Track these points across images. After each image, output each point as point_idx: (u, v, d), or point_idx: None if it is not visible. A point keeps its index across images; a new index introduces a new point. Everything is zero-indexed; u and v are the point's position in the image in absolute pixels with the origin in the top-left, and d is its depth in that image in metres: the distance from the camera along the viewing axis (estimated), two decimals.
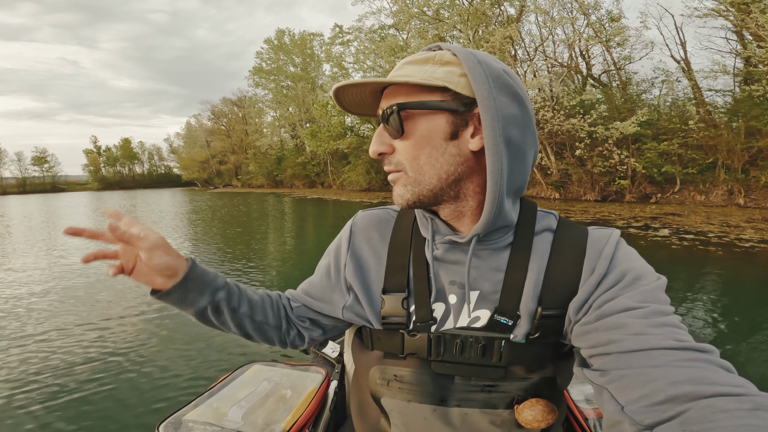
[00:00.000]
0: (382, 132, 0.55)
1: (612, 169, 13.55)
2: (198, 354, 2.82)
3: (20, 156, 63.88)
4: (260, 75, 38.44)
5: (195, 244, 7.64)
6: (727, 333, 3.02)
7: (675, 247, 6.06)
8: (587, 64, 16.81)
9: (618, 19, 14.87)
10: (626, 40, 14.92)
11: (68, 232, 0.50)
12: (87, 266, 5.55)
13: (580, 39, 15.15)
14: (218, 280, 0.62)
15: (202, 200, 22.82)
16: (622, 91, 15.35)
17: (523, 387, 0.57)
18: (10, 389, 2.37)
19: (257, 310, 0.67)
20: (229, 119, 49.39)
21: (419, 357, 0.59)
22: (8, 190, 58.07)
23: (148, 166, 72.15)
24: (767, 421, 0.33)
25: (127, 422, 2.06)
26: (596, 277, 0.53)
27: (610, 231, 0.59)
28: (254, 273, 5.13)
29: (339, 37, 28.92)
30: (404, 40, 22.39)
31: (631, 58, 15.53)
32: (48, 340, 3.12)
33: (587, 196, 14.30)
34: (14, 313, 3.77)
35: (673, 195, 13.14)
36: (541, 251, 0.58)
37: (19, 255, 6.79)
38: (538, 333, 0.55)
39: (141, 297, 4.18)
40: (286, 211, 14.40)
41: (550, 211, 0.64)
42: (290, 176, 34.27)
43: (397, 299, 0.61)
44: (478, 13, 17.09)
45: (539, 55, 16.63)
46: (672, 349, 0.42)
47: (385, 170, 0.57)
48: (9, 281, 4.91)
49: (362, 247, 0.68)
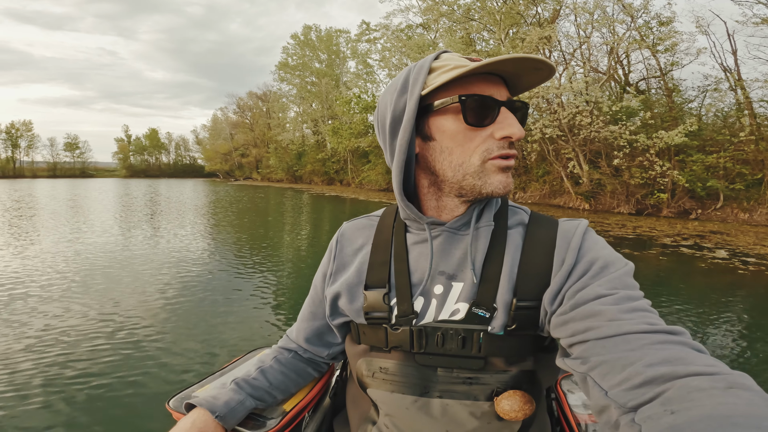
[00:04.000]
0: (515, 117, 0.57)
1: (651, 181, 12.64)
2: (212, 337, 2.99)
3: (53, 141, 66.43)
4: (285, 70, 38.49)
5: (215, 232, 7.38)
6: None
7: (741, 272, 5.37)
8: (624, 70, 15.88)
9: (669, 22, 13.93)
10: (676, 46, 13.97)
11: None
12: (109, 246, 5.40)
13: (620, 43, 14.26)
14: (246, 403, 0.68)
15: (223, 192, 22.88)
16: (667, 98, 14.36)
17: (503, 380, 0.58)
18: (23, 365, 2.48)
19: (291, 386, 0.76)
20: (254, 113, 49.89)
21: (403, 350, 0.61)
22: (38, 174, 60.48)
23: (174, 156, 73.84)
24: (742, 398, 0.34)
25: (142, 395, 2.22)
26: (566, 267, 0.55)
27: (578, 221, 0.61)
28: (268, 265, 4.74)
29: (366, 34, 28.61)
30: (432, 40, 21.83)
31: (679, 63, 14.55)
32: (66, 317, 3.31)
33: (620, 209, 13.39)
34: (32, 291, 3.95)
35: (715, 212, 12.14)
36: (515, 244, 0.61)
37: (42, 235, 6.84)
38: (514, 324, 0.57)
39: (158, 279, 4.32)
40: (303, 207, 14.12)
41: (521, 206, 0.67)
42: (309, 172, 34.16)
43: (378, 294, 0.64)
44: (512, 12, 16.39)
45: (577, 58, 15.82)
46: (646, 332, 0.44)
47: (500, 158, 0.57)
48: (26, 262, 4.73)
49: (347, 253, 0.72)
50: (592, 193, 14.26)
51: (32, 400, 2.13)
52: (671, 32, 13.74)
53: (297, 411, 0.75)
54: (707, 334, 3.22)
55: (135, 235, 7.42)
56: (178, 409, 0.71)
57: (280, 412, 0.74)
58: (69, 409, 2.07)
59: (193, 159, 73.33)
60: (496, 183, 0.58)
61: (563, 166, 14.85)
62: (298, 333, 0.78)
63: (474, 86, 0.56)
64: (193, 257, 5.55)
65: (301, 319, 0.78)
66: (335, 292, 0.69)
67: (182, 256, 5.61)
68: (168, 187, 29.33)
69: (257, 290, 4.15)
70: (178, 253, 5.76)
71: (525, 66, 0.55)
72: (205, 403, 0.65)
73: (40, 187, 25.68)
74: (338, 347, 0.78)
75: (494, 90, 0.57)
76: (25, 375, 2.37)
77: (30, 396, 2.17)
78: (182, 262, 5.21)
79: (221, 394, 0.67)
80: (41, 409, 2.07)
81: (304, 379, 0.78)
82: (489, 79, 0.57)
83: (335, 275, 0.70)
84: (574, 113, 13.30)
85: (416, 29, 23.38)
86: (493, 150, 0.57)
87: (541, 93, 14.37)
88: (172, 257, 5.50)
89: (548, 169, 16.22)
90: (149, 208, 13.06)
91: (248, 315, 3.44)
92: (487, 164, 0.57)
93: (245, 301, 3.78)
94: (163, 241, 6.73)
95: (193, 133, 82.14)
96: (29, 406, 2.10)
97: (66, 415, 2.02)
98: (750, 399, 0.34)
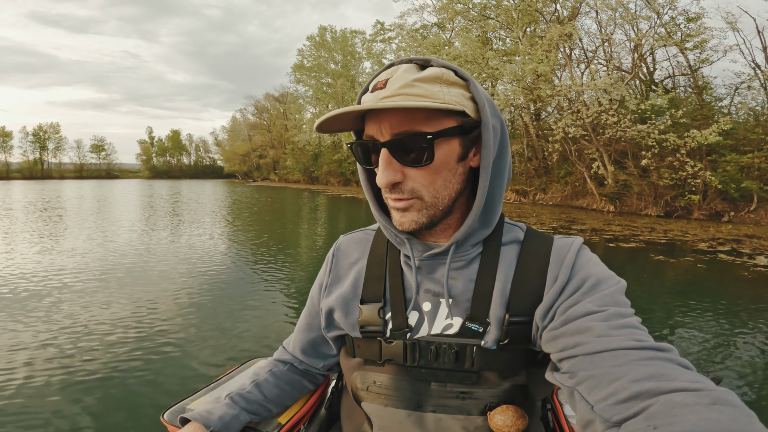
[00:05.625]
0: (391, 160, 0.54)
1: (681, 182, 12.13)
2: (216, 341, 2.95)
3: (79, 143, 68.68)
4: (301, 71, 38.72)
5: (233, 233, 7.42)
6: None
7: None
8: (648, 68, 15.30)
9: (697, 18, 13.36)
10: (705, 42, 13.38)
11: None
12: (129, 247, 5.47)
13: (645, 39, 13.75)
14: (241, 417, 0.68)
15: (242, 193, 23.18)
16: (697, 96, 13.77)
17: (496, 394, 0.58)
18: (19, 362, 2.48)
19: (286, 399, 0.76)
20: (271, 114, 50.44)
21: (396, 363, 0.61)
22: (66, 175, 62.62)
23: (195, 158, 75.42)
24: (725, 414, 0.34)
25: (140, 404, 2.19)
26: (559, 284, 0.55)
27: (573, 239, 0.61)
28: (286, 272, 4.70)
29: (380, 34, 28.52)
30: (447, 39, 21.57)
31: (708, 60, 13.94)
32: (75, 316, 3.38)
33: (648, 211, 12.90)
34: (51, 287, 4.06)
35: (748, 214, 11.56)
36: (508, 261, 0.61)
37: (71, 234, 7.06)
38: (507, 339, 0.57)
39: (171, 281, 4.33)
40: (319, 210, 14.13)
41: (518, 223, 0.67)
42: (326, 173, 34.30)
43: (373, 308, 0.64)
44: (530, 9, 16.01)
45: (599, 56, 15.34)
46: (633, 349, 0.44)
47: (390, 199, 0.57)
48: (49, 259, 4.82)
49: (343, 266, 0.72)
50: (617, 195, 13.79)
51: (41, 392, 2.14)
52: (701, 28, 13.17)
53: (293, 423, 0.75)
54: None
55: (159, 234, 7.53)
56: (173, 422, 0.70)
57: (276, 425, 0.73)
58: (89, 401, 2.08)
59: (213, 160, 74.61)
60: (396, 219, 0.58)
61: (586, 166, 14.41)
62: (294, 344, 0.79)
63: (369, 123, 0.56)
64: (213, 258, 5.57)
65: (297, 330, 0.79)
66: (330, 306, 0.69)
67: (203, 256, 5.64)
68: (189, 188, 29.93)
69: (274, 294, 4.11)
70: (199, 254, 5.79)
71: (385, 111, 0.53)
72: (200, 417, 0.65)
73: (69, 188, 26.55)
74: (334, 359, 0.78)
75: (377, 128, 0.54)
76: (43, 365, 2.39)
77: (37, 387, 2.18)
78: (202, 263, 5.22)
79: (216, 409, 0.67)
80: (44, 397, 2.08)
81: (299, 392, 0.78)
82: (378, 114, 0.54)
83: (330, 288, 0.71)
84: (599, 111, 12.88)
85: (431, 29, 23.14)
86: (384, 191, 0.57)
87: (564, 92, 13.99)
88: (195, 257, 5.53)
89: (570, 170, 15.78)
90: (174, 208, 13.31)
91: (266, 317, 3.39)
92: (387, 200, 0.58)
93: (264, 306, 3.73)
94: (184, 241, 6.80)
95: (213, 134, 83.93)
96: (43, 399, 2.11)
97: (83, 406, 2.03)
98: (733, 415, 0.34)
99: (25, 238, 7.04)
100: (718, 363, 2.81)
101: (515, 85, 15.23)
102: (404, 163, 0.54)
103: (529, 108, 17.32)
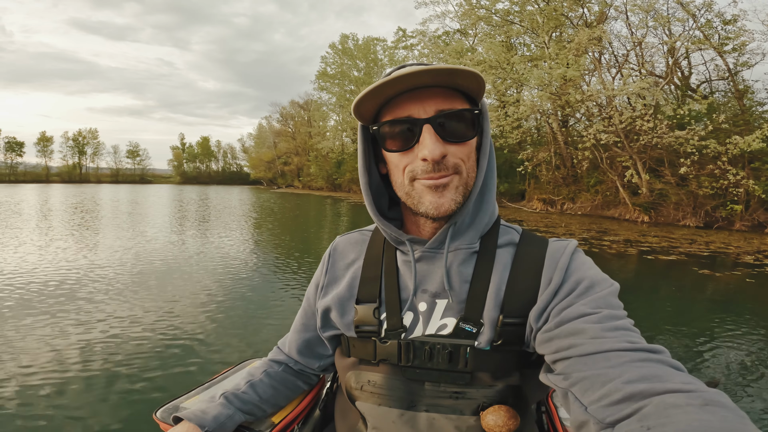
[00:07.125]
0: (437, 136, 0.55)
1: (722, 191, 11.51)
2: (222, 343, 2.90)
3: (116, 149, 72.28)
4: (324, 79, 39.39)
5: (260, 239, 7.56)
6: None
7: None
8: (682, 72, 14.68)
9: (734, 21, 12.76)
10: (744, 45, 12.76)
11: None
12: (159, 251, 5.66)
13: (682, 43, 13.22)
14: (236, 417, 0.69)
15: (268, 199, 23.61)
16: (738, 101, 13.10)
17: (489, 394, 0.58)
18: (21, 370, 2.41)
19: (280, 400, 0.77)
20: (296, 122, 51.52)
21: (391, 363, 0.62)
22: (102, 179, 65.90)
23: (222, 164, 77.81)
24: (716, 415, 0.34)
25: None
26: (553, 286, 0.56)
27: (567, 242, 0.62)
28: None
29: (402, 41, 28.68)
30: (471, 45, 21.44)
31: (749, 64, 13.27)
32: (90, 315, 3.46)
33: (686, 221, 12.27)
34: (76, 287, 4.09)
35: None
36: (504, 263, 0.62)
37: (107, 235, 7.33)
38: (501, 340, 0.58)
39: (200, 286, 4.30)
40: (342, 217, 14.21)
41: (513, 225, 0.68)
42: (348, 180, 34.56)
43: (368, 309, 0.65)
44: (556, 14, 15.71)
45: (630, 61, 14.86)
46: (626, 350, 0.45)
47: (427, 179, 0.57)
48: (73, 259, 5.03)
49: (339, 267, 0.73)
50: (652, 204, 13.21)
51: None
52: (740, 31, 12.56)
53: (286, 423, 0.75)
54: None
55: (190, 237, 7.75)
56: (166, 420, 0.69)
57: (269, 424, 0.73)
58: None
59: (240, 167, 76.81)
60: (427, 203, 0.58)
61: (619, 174, 13.90)
62: (290, 344, 0.79)
63: (397, 108, 0.57)
64: (238, 263, 5.67)
65: (293, 330, 0.79)
66: (326, 305, 0.70)
67: (230, 260, 5.75)
68: (217, 193, 30.77)
69: (294, 296, 4.10)
70: (226, 257, 5.91)
71: (439, 76, 0.53)
72: (194, 417, 0.64)
73: (106, 192, 27.83)
74: (329, 359, 0.78)
75: (417, 107, 0.56)
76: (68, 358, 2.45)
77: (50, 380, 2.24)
78: (230, 267, 5.32)
79: (210, 408, 0.67)
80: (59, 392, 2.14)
81: (293, 392, 0.79)
82: (414, 96, 0.56)
83: (327, 288, 0.72)
84: (633, 117, 12.42)
85: (454, 35, 23.06)
86: (418, 171, 0.57)
87: (594, 97, 13.62)
88: (224, 261, 5.64)
89: (601, 178, 15.27)
90: (210, 213, 13.71)
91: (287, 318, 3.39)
92: (416, 183, 0.58)
93: (285, 307, 3.74)
94: (213, 246, 6.96)
95: (240, 141, 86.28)
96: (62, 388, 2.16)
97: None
98: (724, 416, 0.34)
99: (64, 236, 7.40)
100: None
101: (542, 91, 14.93)
102: (447, 139, 0.56)
103: (556, 114, 16.93)
